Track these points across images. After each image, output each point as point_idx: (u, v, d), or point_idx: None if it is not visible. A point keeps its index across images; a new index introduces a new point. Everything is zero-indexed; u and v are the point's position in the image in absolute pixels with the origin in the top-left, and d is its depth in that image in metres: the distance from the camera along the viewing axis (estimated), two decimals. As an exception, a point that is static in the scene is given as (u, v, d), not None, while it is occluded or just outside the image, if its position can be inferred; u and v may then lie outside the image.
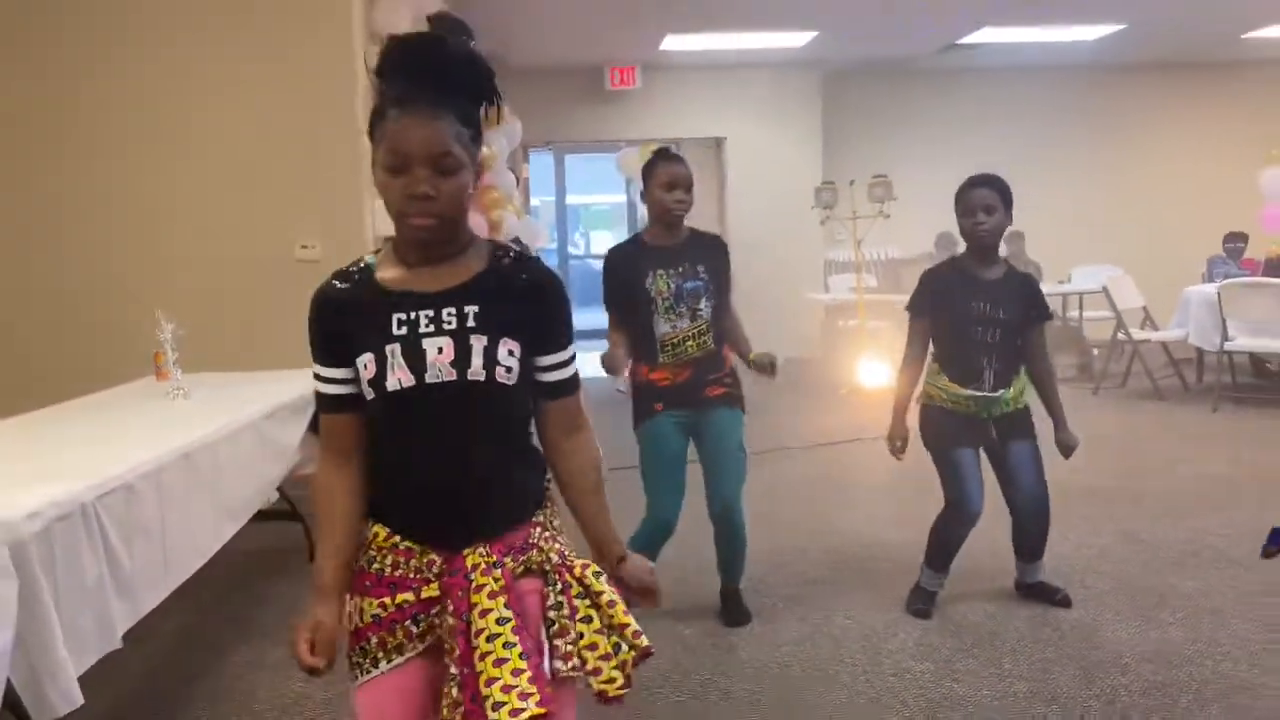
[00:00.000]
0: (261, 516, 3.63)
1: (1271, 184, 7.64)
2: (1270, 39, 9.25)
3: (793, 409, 7.20)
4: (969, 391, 3.35)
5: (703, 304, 3.28)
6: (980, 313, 3.34)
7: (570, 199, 14.77)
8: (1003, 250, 3.49)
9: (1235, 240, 8.83)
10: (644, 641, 1.59)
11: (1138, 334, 7.90)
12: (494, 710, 1.46)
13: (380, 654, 1.57)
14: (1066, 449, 3.39)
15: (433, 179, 1.48)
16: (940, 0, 7.56)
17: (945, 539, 3.47)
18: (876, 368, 7.59)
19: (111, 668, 3.17)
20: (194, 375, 3.94)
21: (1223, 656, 3.06)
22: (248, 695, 3.03)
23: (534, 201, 14.53)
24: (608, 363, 3.22)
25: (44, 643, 2.08)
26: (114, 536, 2.42)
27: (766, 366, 3.25)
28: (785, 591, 3.76)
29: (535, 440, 1.67)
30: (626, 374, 3.39)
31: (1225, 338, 7.01)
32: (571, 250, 16.36)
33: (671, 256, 3.30)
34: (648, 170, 3.32)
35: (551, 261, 13.00)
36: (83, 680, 2.14)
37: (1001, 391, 3.35)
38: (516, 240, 6.62)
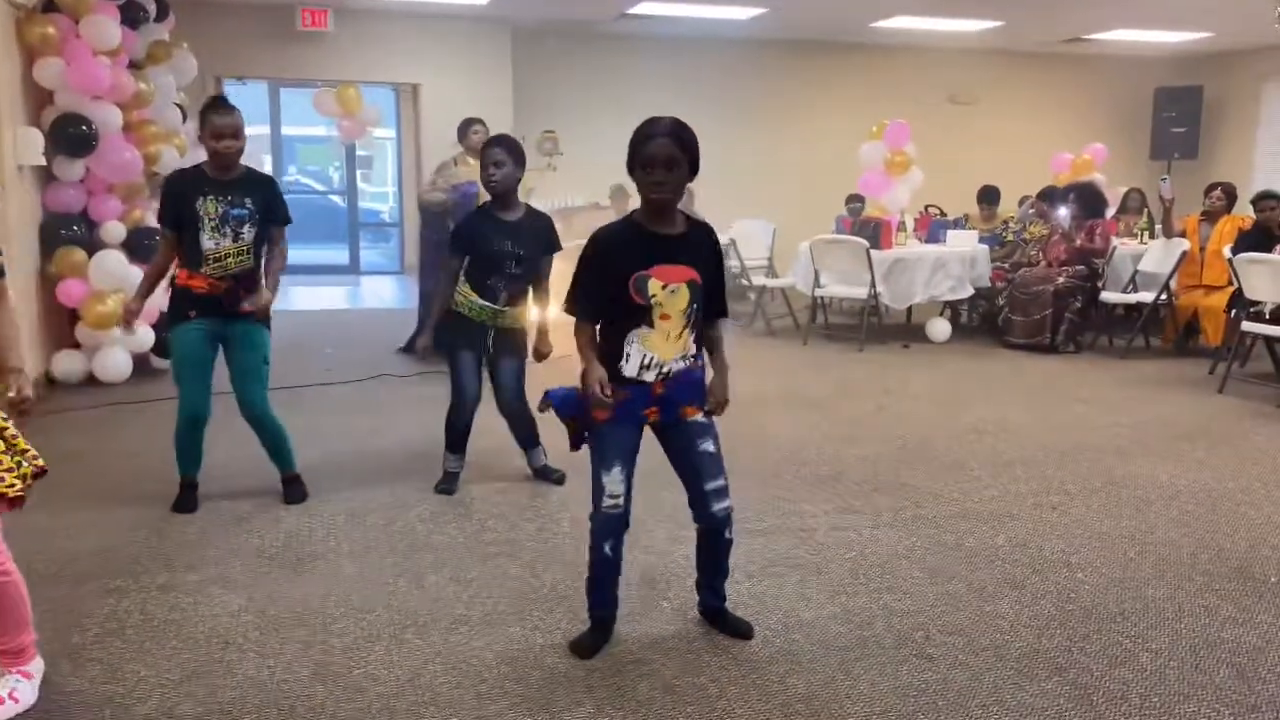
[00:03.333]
0: None
1: (867, 155, 9.10)
2: (893, 29, 10.79)
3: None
4: (483, 302, 4.22)
5: (245, 228, 3.91)
6: (503, 248, 4.20)
7: (288, 130, 14.82)
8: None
9: (855, 201, 10.34)
10: (41, 462, 2.38)
11: (758, 280, 9.25)
12: None
13: None
14: (540, 355, 4.32)
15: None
16: (599, -26, 8.44)
17: (452, 425, 4.38)
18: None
19: None
20: None
21: (644, 515, 4.11)
22: None
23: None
24: None
25: None
26: None
27: (260, 304, 3.94)
28: (353, 478, 4.56)
29: None
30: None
31: (816, 284, 8.42)
32: (308, 183, 16.33)
33: (224, 188, 3.88)
34: (202, 117, 3.85)
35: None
36: None
37: (508, 308, 4.25)
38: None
